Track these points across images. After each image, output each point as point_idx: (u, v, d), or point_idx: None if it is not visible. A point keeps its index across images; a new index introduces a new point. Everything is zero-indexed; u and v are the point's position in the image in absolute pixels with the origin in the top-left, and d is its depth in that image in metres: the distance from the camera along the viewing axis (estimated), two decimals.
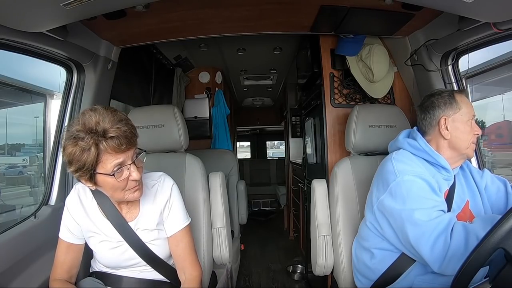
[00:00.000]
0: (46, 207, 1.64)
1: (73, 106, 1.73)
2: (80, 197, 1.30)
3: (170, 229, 1.33)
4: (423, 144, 1.38)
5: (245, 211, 3.01)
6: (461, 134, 1.36)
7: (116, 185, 1.11)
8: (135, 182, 1.14)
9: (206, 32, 1.93)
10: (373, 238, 1.44)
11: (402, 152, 1.40)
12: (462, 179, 1.44)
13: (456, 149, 1.37)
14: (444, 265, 1.12)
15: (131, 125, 1.13)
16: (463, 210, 1.35)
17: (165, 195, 1.33)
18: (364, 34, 1.98)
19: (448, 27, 1.58)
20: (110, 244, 1.28)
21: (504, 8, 1.20)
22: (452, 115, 1.37)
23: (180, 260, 1.34)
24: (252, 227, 5.20)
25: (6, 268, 1.30)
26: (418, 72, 1.93)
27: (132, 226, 1.29)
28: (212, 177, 1.88)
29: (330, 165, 2.07)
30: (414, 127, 1.49)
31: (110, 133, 1.05)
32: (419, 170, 1.30)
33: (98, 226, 1.28)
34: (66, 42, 1.47)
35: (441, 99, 1.40)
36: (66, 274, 1.29)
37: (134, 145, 1.13)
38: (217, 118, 3.50)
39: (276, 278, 3.33)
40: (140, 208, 1.31)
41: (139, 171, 1.14)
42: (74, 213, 1.28)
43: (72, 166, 1.07)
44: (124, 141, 1.07)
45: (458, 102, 1.37)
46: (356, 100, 2.16)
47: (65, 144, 1.07)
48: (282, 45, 3.04)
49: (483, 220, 1.13)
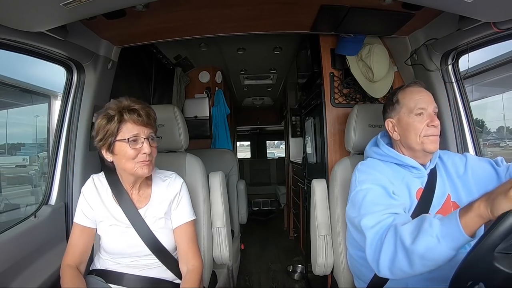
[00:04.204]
0: (46, 206, 1.64)
1: (73, 105, 1.73)
2: (96, 185, 1.41)
3: (177, 220, 1.42)
4: (385, 150, 1.41)
5: (245, 210, 3.01)
6: (406, 132, 1.33)
7: (129, 153, 1.25)
8: (145, 155, 1.27)
9: (206, 32, 1.93)
10: (356, 243, 1.44)
11: (368, 161, 1.43)
12: (443, 172, 1.40)
13: (410, 148, 1.34)
14: (384, 269, 1.08)
15: (153, 111, 1.34)
16: (444, 206, 1.32)
17: (175, 189, 1.45)
18: (364, 33, 1.98)
19: (448, 27, 1.57)
20: (118, 228, 1.36)
21: (504, 7, 1.20)
22: (396, 115, 1.36)
23: (184, 251, 1.41)
24: (252, 226, 5.20)
25: (6, 268, 1.30)
26: (418, 72, 1.92)
27: (141, 213, 1.38)
28: (212, 177, 1.88)
29: (330, 165, 2.07)
30: (380, 132, 1.53)
31: (132, 107, 1.26)
32: (378, 177, 1.30)
33: (110, 211, 1.37)
34: (66, 42, 1.47)
35: (387, 102, 1.41)
36: (78, 258, 1.35)
37: (151, 126, 1.30)
38: (217, 117, 3.50)
39: (276, 278, 3.33)
40: (151, 197, 1.42)
41: (152, 150, 1.29)
42: (90, 198, 1.38)
43: (99, 136, 1.27)
44: (143, 115, 1.26)
45: (400, 101, 1.35)
46: (356, 99, 2.16)
47: (96, 119, 1.28)
48: (282, 45, 3.04)
49: (412, 223, 1.05)
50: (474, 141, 1.76)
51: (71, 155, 1.73)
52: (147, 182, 1.44)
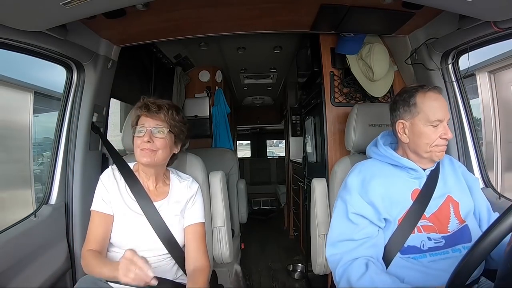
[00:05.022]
0: (46, 206, 1.65)
1: (73, 105, 1.73)
2: (114, 173, 1.47)
3: (190, 219, 1.47)
4: (383, 150, 1.41)
5: (245, 210, 3.00)
6: (417, 139, 1.30)
7: (135, 141, 1.38)
8: (144, 143, 1.34)
9: (206, 31, 1.93)
10: None
11: (364, 164, 1.45)
12: (448, 174, 1.39)
13: (417, 153, 1.33)
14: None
15: (175, 109, 1.44)
16: (441, 208, 1.31)
17: (192, 190, 1.52)
18: (364, 32, 1.98)
19: (448, 26, 1.57)
20: (131, 217, 1.40)
21: (504, 7, 1.20)
22: (410, 119, 1.31)
23: (194, 250, 1.44)
24: (252, 226, 5.20)
25: (6, 267, 1.30)
26: (418, 71, 1.92)
27: (156, 206, 1.42)
28: (212, 176, 1.88)
29: (330, 164, 2.07)
30: (381, 133, 1.53)
31: (146, 102, 1.39)
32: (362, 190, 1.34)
33: (125, 200, 1.42)
34: (66, 41, 1.47)
35: (401, 101, 1.34)
36: (98, 245, 1.37)
37: (160, 119, 1.38)
38: (218, 117, 3.49)
39: (276, 277, 3.34)
40: (168, 194, 1.48)
41: (154, 141, 1.36)
42: (108, 185, 1.43)
43: (131, 129, 1.43)
44: (152, 108, 1.37)
45: (418, 105, 1.29)
46: (356, 99, 2.16)
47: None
48: (282, 44, 3.03)
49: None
50: (474, 140, 1.76)
51: (71, 154, 1.74)
52: (165, 181, 1.51)
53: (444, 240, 1.27)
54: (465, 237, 1.28)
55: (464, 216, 1.31)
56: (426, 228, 1.28)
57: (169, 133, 1.40)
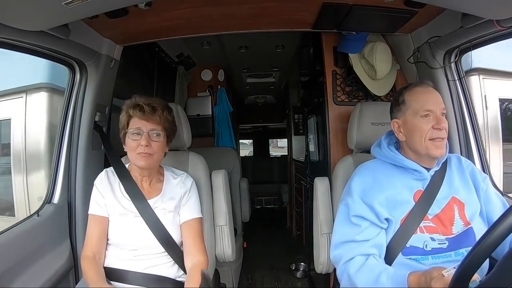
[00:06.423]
0: (49, 205, 1.65)
1: (75, 104, 1.74)
2: (108, 176, 1.49)
3: (185, 215, 1.48)
4: (386, 152, 1.40)
5: (247, 209, 3.01)
6: (411, 134, 1.30)
7: (130, 144, 1.38)
8: (142, 147, 1.35)
9: (208, 30, 1.93)
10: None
11: (368, 165, 1.46)
12: (454, 175, 1.37)
13: (415, 150, 1.32)
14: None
15: (167, 110, 1.45)
16: (444, 209, 1.29)
17: (186, 186, 1.52)
18: (366, 31, 1.97)
19: (451, 24, 1.56)
20: (127, 217, 1.41)
21: (507, 5, 1.19)
22: (402, 117, 1.33)
23: (190, 246, 1.44)
24: (255, 225, 5.18)
25: (9, 266, 1.31)
26: (421, 70, 1.91)
27: (151, 203, 1.43)
28: (214, 175, 1.88)
29: (333, 163, 2.06)
30: (385, 132, 1.51)
31: (138, 103, 1.38)
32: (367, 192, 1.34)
33: (120, 201, 1.43)
34: (68, 41, 1.47)
35: (393, 102, 1.38)
36: (94, 247, 1.40)
37: (156, 122, 1.39)
38: (220, 116, 3.50)
39: (279, 276, 3.34)
40: (162, 190, 1.48)
41: (151, 144, 1.37)
42: (102, 189, 1.45)
43: (120, 128, 1.43)
44: (147, 111, 1.37)
45: (406, 101, 1.31)
46: (358, 97, 2.15)
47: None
48: (284, 43, 3.03)
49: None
50: (477, 139, 1.76)
51: (73, 153, 1.74)
52: (159, 178, 1.51)
53: (448, 242, 1.26)
54: (469, 240, 1.26)
55: (469, 217, 1.29)
56: (429, 229, 1.27)
57: (164, 135, 1.43)
